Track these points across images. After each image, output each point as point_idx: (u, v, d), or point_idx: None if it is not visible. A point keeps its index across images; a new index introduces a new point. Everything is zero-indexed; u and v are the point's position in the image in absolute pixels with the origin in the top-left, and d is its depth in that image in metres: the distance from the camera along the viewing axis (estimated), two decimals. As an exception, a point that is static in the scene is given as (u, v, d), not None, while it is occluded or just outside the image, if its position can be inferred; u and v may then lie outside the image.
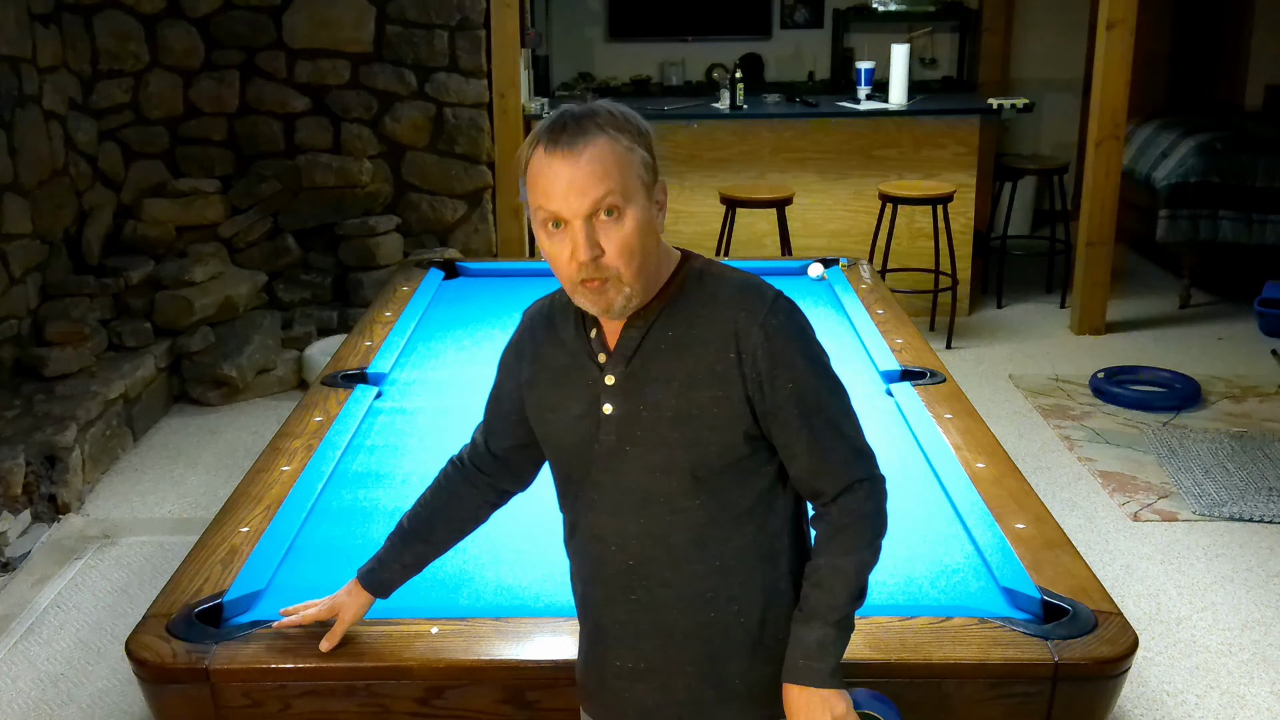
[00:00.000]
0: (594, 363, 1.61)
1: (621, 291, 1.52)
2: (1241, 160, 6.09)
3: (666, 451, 1.56)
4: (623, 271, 1.51)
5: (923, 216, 5.72)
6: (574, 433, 1.63)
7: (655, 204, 1.55)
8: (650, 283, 1.56)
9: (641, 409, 1.57)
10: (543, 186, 1.51)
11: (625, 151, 1.50)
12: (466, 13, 5.53)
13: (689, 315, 1.57)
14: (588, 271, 1.51)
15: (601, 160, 1.48)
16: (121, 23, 5.39)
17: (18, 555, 3.75)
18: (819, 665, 1.56)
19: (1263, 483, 4.16)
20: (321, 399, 2.98)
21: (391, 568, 1.88)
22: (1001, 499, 2.39)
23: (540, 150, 1.51)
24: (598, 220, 1.49)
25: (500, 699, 1.90)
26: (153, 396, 4.81)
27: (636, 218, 1.50)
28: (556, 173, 1.49)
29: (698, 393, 1.54)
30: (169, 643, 1.91)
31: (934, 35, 7.72)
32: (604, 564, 1.63)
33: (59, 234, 4.94)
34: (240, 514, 2.36)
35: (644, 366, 1.57)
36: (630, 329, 1.58)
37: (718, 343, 1.54)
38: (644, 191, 1.52)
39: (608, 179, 1.48)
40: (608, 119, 1.51)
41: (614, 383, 1.59)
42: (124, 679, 3.08)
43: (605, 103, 1.55)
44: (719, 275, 1.60)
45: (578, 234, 1.49)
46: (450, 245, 5.75)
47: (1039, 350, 5.65)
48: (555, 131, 1.50)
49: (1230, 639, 3.27)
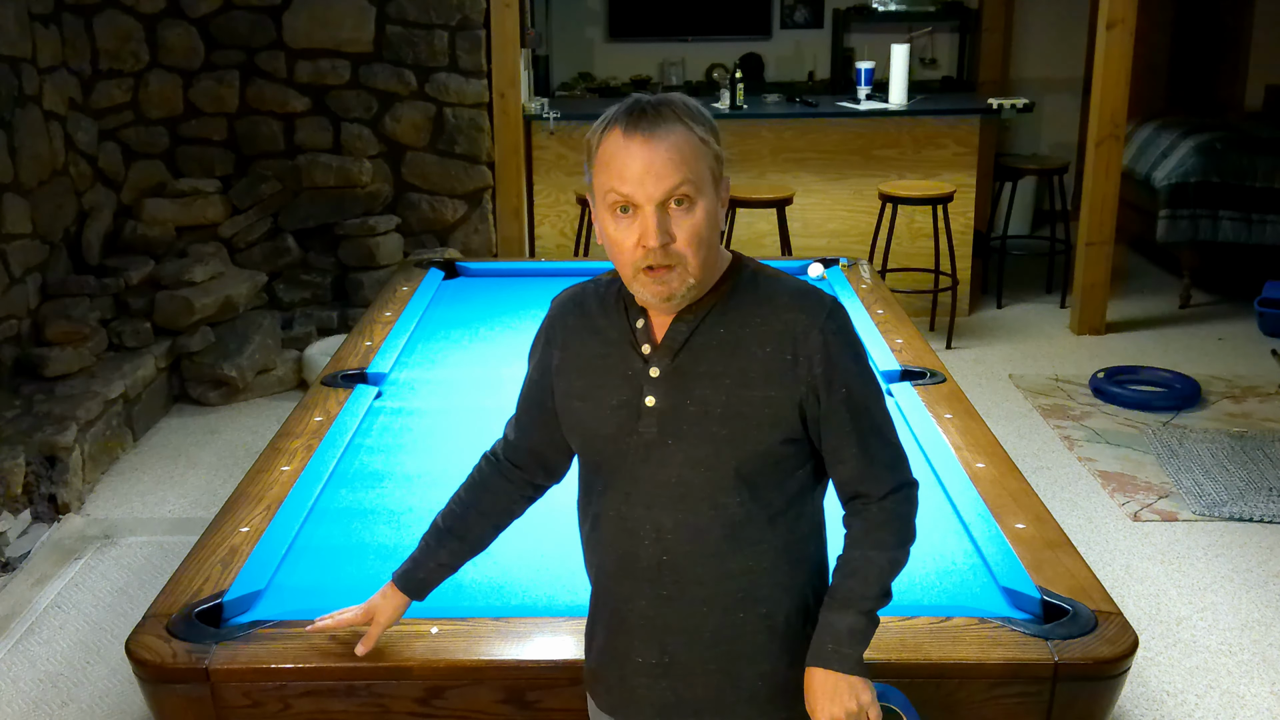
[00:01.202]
0: (637, 353, 1.60)
1: (685, 281, 1.53)
2: (1241, 160, 6.09)
3: (712, 447, 1.56)
4: (690, 260, 1.52)
5: (923, 216, 5.72)
6: (609, 423, 1.61)
7: (720, 199, 1.57)
8: (709, 277, 1.57)
9: (688, 403, 1.57)
10: (617, 169, 1.49)
11: (700, 143, 1.51)
12: (466, 13, 5.53)
13: (743, 314, 1.58)
14: (655, 258, 1.50)
15: (679, 148, 1.49)
16: (121, 23, 5.39)
17: (18, 555, 3.75)
18: (849, 651, 1.57)
19: (1263, 483, 4.16)
20: (321, 399, 2.98)
21: (427, 567, 1.85)
22: (1001, 499, 2.39)
23: (618, 132, 1.50)
24: (670, 208, 1.50)
25: (500, 699, 1.90)
26: (153, 396, 4.81)
27: (706, 209, 1.52)
28: (634, 155, 1.48)
29: (749, 391, 1.55)
30: (169, 643, 1.91)
31: (934, 35, 7.72)
32: (634, 558, 1.62)
33: (59, 234, 4.94)
34: (240, 514, 2.36)
35: (692, 361, 1.57)
36: (680, 322, 1.58)
37: (774, 343, 1.56)
38: (713, 184, 1.54)
39: (684, 167, 1.49)
40: (684, 109, 1.52)
41: (659, 375, 1.58)
42: (124, 679, 3.08)
43: (679, 95, 1.56)
44: (774, 278, 1.62)
45: (649, 219, 1.49)
46: (450, 245, 5.75)
47: (1039, 350, 5.65)
48: (635, 115, 1.50)
49: (1230, 639, 3.27)
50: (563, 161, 5.93)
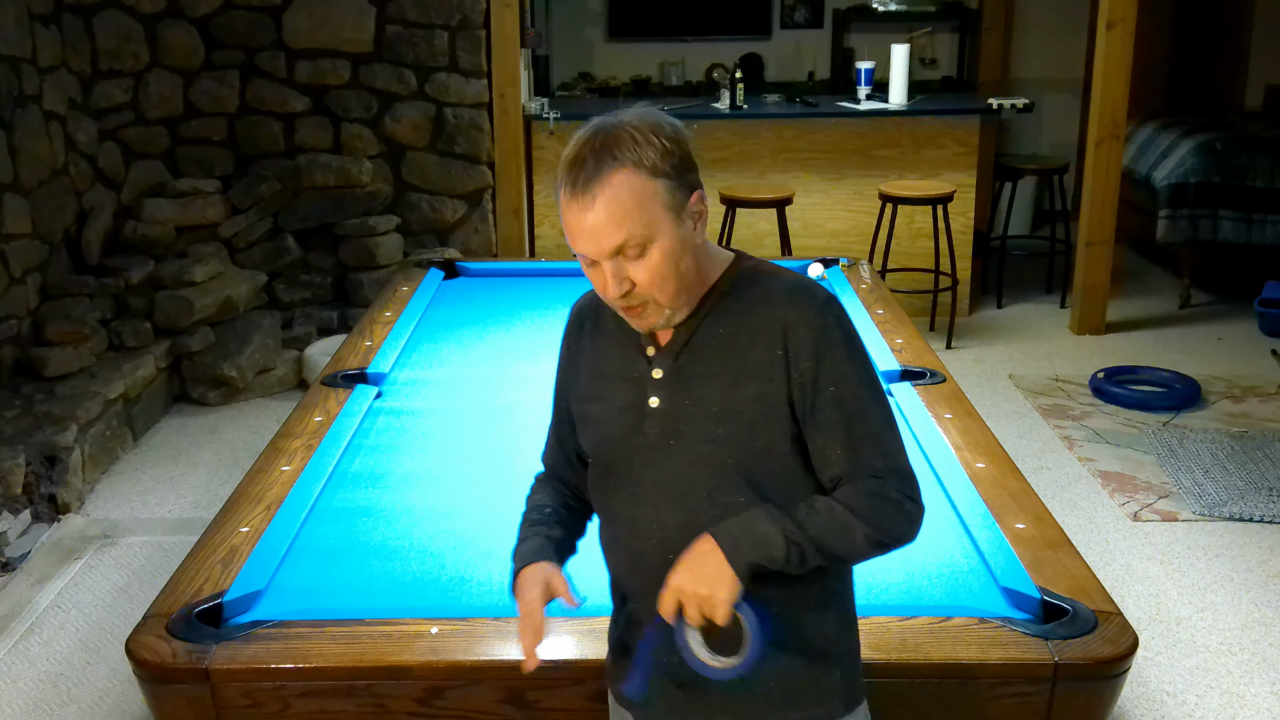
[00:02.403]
0: (642, 356, 1.61)
1: (661, 314, 1.54)
2: (1241, 160, 6.08)
3: (709, 446, 1.56)
4: (657, 297, 1.52)
5: (923, 216, 5.72)
6: (617, 425, 1.62)
7: (691, 218, 1.53)
8: (693, 295, 1.57)
9: (687, 403, 1.57)
10: (569, 228, 1.51)
11: (645, 183, 1.48)
12: (466, 13, 5.53)
13: (741, 313, 1.57)
14: (623, 301, 1.53)
15: (619, 202, 1.47)
16: (121, 23, 5.39)
17: (18, 555, 3.75)
18: (746, 549, 1.49)
19: (1263, 483, 4.16)
20: (321, 399, 2.99)
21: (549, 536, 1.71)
22: (1001, 499, 2.39)
23: (565, 193, 1.50)
24: (625, 256, 1.50)
25: (500, 699, 1.90)
26: (153, 396, 4.81)
27: (664, 248, 1.50)
28: (577, 218, 1.49)
29: (743, 389, 1.54)
30: (169, 643, 1.91)
31: (934, 35, 7.72)
32: (643, 557, 1.62)
33: (59, 234, 4.94)
34: (240, 514, 2.36)
35: (692, 362, 1.58)
36: (680, 325, 1.59)
37: (766, 339, 1.54)
38: (671, 218, 1.50)
39: (626, 222, 1.47)
40: (629, 147, 1.48)
41: (661, 376, 1.59)
42: (124, 679, 3.08)
43: (631, 119, 1.51)
44: (771, 275, 1.61)
45: (606, 272, 1.51)
46: (450, 245, 5.75)
47: (1039, 350, 5.65)
48: (574, 171, 1.49)
49: (1230, 639, 3.27)
50: (563, 161, 5.92)
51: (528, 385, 3.20)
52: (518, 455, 2.75)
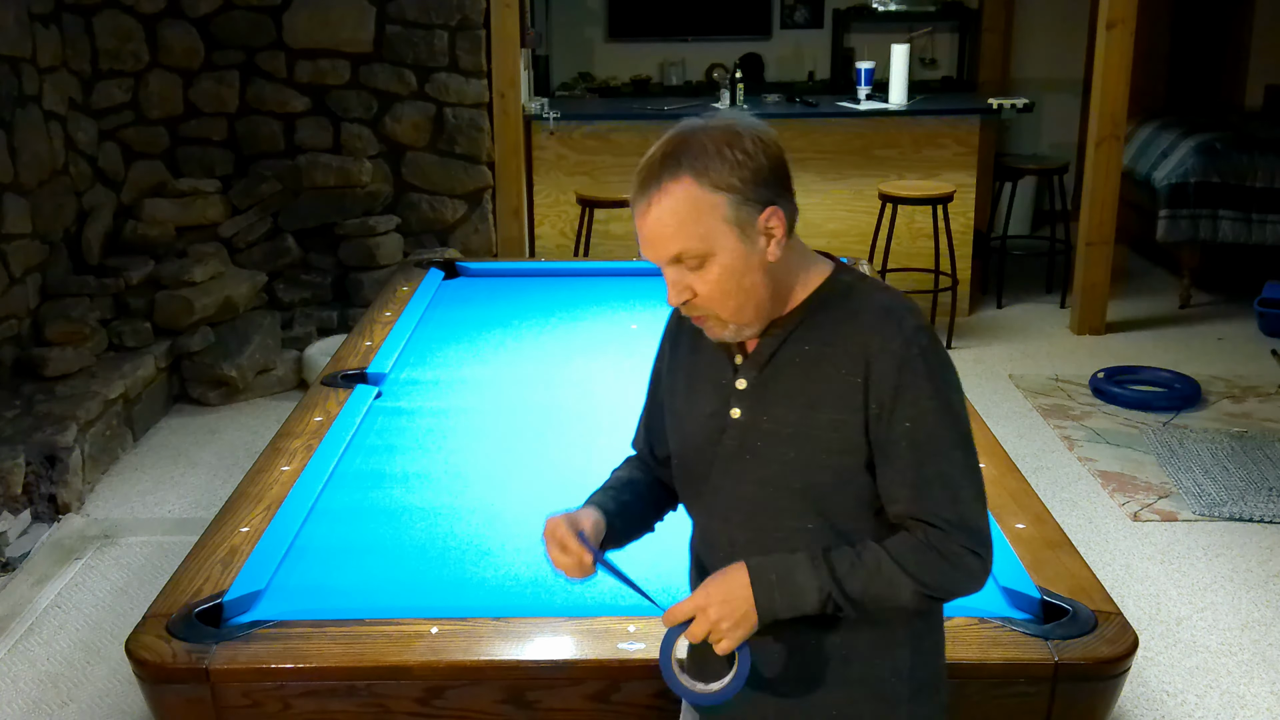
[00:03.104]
0: (730, 363, 1.57)
1: (725, 327, 1.50)
2: (1241, 160, 6.08)
3: (779, 467, 1.50)
4: (718, 311, 1.48)
5: (923, 216, 5.72)
6: (700, 431, 1.58)
7: (763, 235, 1.46)
8: (765, 310, 1.50)
9: (765, 420, 1.52)
10: (636, 228, 1.48)
11: (706, 195, 1.42)
12: (466, 13, 5.53)
13: (828, 332, 1.50)
14: (685, 310, 1.50)
15: (674, 212, 1.43)
16: (121, 23, 5.39)
17: (18, 555, 3.75)
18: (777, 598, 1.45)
19: (1263, 483, 4.16)
20: (321, 399, 2.99)
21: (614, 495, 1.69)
22: (1001, 499, 2.39)
23: (632, 191, 1.47)
24: (685, 265, 1.45)
25: (500, 699, 1.90)
26: (153, 396, 4.81)
27: (723, 264, 1.44)
28: (638, 224, 1.46)
29: (819, 413, 1.48)
30: (169, 643, 1.91)
31: (934, 35, 7.71)
32: (713, 567, 1.56)
33: (59, 234, 4.94)
34: (240, 514, 2.37)
35: (775, 377, 1.52)
36: (768, 336, 1.53)
37: (849, 364, 1.47)
38: (734, 233, 1.43)
39: (680, 234, 1.43)
40: (696, 156, 1.42)
41: (745, 387, 1.54)
42: (124, 679, 3.08)
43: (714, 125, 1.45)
44: (866, 293, 1.53)
45: (667, 279, 1.48)
46: (450, 245, 5.75)
47: (1039, 350, 5.65)
48: (643, 172, 1.45)
49: (1230, 639, 3.27)
50: (563, 161, 5.93)
51: (528, 385, 3.21)
52: (518, 455, 2.76)
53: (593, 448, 2.55)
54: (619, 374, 3.16)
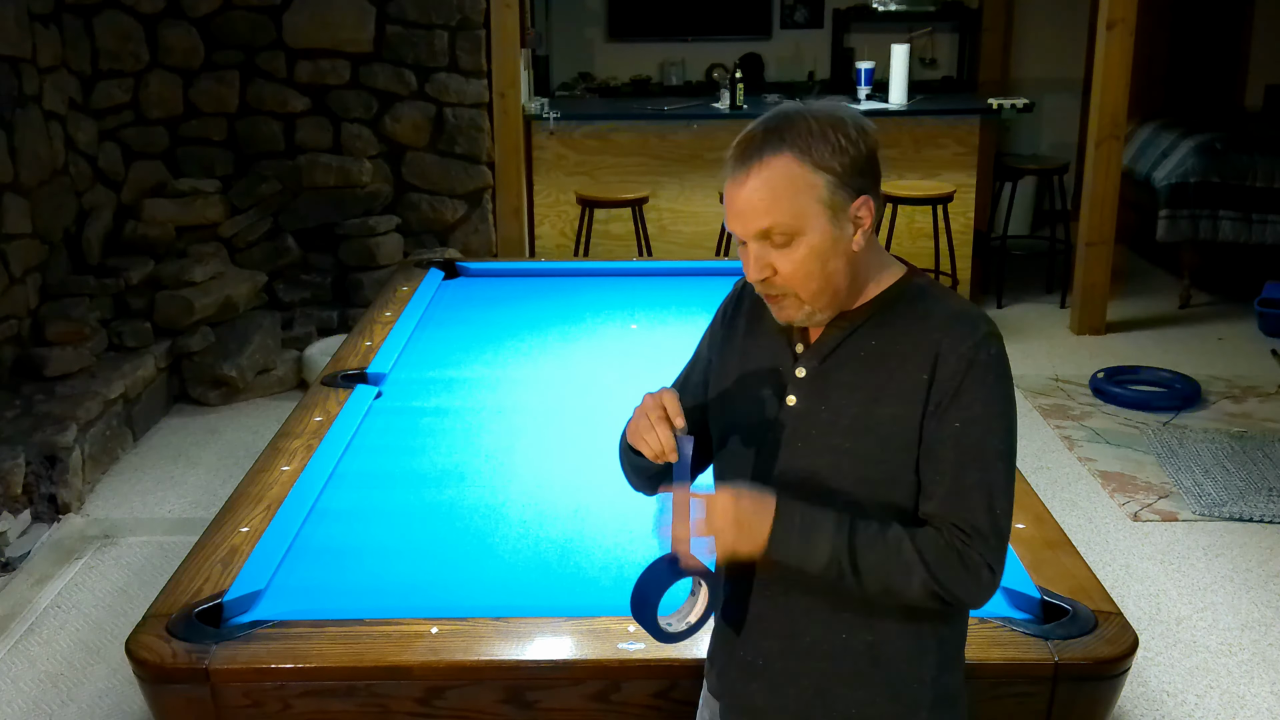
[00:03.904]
0: (790, 350, 1.56)
1: (800, 309, 1.49)
2: (1241, 160, 6.09)
3: (834, 458, 1.50)
4: (798, 292, 1.48)
5: (923, 216, 5.72)
6: (751, 413, 1.57)
7: (853, 222, 1.47)
8: (841, 298, 1.50)
9: (823, 409, 1.51)
10: (725, 201, 1.49)
11: (805, 174, 1.43)
12: (466, 13, 5.53)
13: (897, 330, 1.50)
14: (763, 288, 1.49)
15: (770, 187, 1.43)
16: (121, 23, 5.39)
17: (18, 555, 3.75)
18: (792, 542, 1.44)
19: (1263, 483, 4.16)
20: (321, 399, 2.98)
21: None
22: (1001, 499, 2.38)
23: (728, 164, 1.47)
24: (772, 242, 1.45)
25: (500, 699, 1.90)
26: (153, 396, 4.81)
27: (811, 244, 1.45)
28: (732, 193, 1.46)
29: (881, 408, 1.48)
30: (169, 643, 1.91)
31: (934, 35, 7.72)
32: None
33: (59, 234, 4.94)
34: (240, 514, 2.36)
35: (837, 368, 1.52)
36: (833, 328, 1.53)
37: (916, 361, 1.47)
38: (826, 215, 1.44)
39: (774, 209, 1.43)
40: (801, 133, 1.44)
41: (804, 376, 1.54)
42: (124, 679, 3.08)
43: (818, 108, 1.47)
44: (938, 298, 1.53)
45: (749, 254, 1.48)
46: (450, 245, 5.75)
47: (1039, 350, 5.65)
48: (741, 145, 1.46)
49: (1230, 639, 3.27)
50: (563, 161, 5.93)
51: (528, 385, 3.21)
52: (518, 455, 2.76)
53: (593, 448, 2.55)
54: (619, 374, 3.16)
